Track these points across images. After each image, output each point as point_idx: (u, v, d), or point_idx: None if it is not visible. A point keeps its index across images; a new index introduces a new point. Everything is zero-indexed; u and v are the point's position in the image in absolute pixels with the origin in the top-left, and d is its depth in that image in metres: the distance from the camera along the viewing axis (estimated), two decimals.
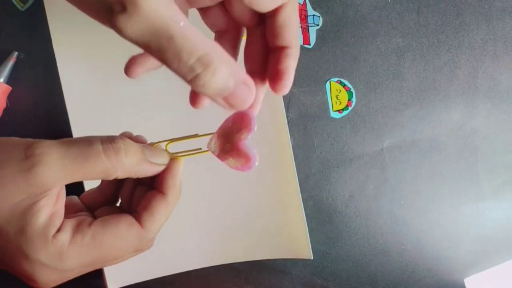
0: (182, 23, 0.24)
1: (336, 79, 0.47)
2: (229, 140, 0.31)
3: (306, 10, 0.46)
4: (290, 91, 0.47)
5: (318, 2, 0.46)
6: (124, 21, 0.23)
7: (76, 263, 0.28)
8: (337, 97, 0.47)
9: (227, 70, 0.26)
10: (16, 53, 0.45)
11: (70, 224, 0.28)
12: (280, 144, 0.47)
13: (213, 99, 0.27)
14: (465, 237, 0.49)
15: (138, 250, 0.30)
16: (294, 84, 0.47)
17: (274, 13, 0.30)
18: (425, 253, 0.49)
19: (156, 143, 0.31)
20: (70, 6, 0.28)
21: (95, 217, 0.31)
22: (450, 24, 0.46)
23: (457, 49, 0.46)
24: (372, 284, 0.50)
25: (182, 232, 0.49)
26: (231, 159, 0.31)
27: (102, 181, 0.34)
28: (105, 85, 0.46)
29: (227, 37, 0.33)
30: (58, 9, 0.45)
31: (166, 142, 0.31)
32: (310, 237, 0.48)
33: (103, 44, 0.45)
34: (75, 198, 0.33)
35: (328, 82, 0.47)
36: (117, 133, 0.32)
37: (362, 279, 0.50)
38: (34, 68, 0.46)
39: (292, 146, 0.47)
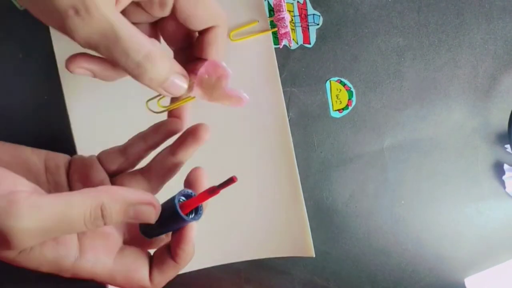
0: (127, 26, 0.28)
1: (336, 78, 0.47)
2: (214, 88, 0.35)
3: (306, 9, 0.46)
4: (290, 90, 0.47)
5: (318, 1, 0.46)
6: (77, 24, 0.27)
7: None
8: (337, 97, 0.47)
9: (168, 63, 0.30)
10: None
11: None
12: (281, 142, 0.47)
13: (154, 89, 0.31)
14: (465, 237, 0.49)
15: None
16: (294, 83, 0.47)
17: (204, 32, 0.34)
18: (426, 253, 0.49)
19: (150, 99, 0.36)
20: None
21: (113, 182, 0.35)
22: (450, 23, 0.46)
23: (457, 48, 0.46)
24: (373, 284, 0.50)
25: None
26: (225, 101, 0.36)
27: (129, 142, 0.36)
28: (105, 83, 0.46)
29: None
30: None
31: (157, 98, 0.36)
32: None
33: None
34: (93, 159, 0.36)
35: (328, 82, 0.47)
36: (118, 131, 0.33)
37: (363, 279, 0.50)
38: (34, 68, 0.46)
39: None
